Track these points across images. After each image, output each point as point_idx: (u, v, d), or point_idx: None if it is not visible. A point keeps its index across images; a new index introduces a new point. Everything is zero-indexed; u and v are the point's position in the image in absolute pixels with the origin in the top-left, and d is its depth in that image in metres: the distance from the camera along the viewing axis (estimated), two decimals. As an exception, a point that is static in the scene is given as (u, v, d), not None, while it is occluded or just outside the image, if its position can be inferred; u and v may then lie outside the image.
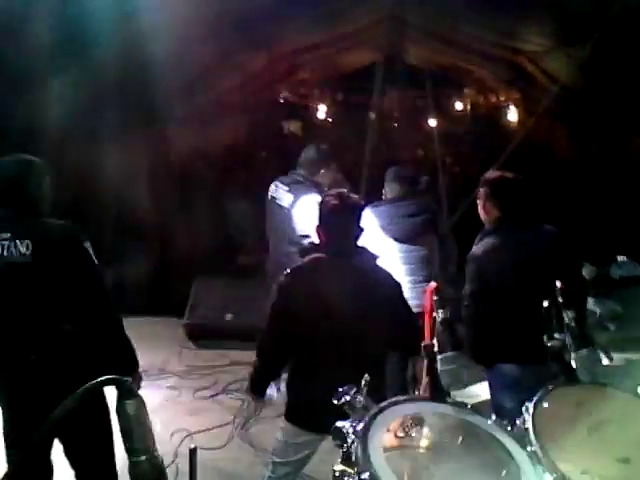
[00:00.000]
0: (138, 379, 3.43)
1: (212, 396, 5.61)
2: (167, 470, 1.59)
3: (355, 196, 3.22)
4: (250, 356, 3.57)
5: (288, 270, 3.16)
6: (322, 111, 10.58)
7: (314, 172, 4.97)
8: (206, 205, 6.92)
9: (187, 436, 4.99)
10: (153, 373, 5.81)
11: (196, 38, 5.70)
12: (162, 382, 5.77)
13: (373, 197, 5.15)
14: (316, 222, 3.19)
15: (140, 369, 3.46)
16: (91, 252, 3.24)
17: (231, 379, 5.69)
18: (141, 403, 1.45)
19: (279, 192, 5.04)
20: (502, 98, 10.72)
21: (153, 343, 5.96)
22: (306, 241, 3.94)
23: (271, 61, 6.98)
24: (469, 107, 11.75)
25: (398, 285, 3.17)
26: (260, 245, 5.69)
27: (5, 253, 3.07)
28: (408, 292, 3.61)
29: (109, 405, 3.21)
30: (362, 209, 3.21)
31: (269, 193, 5.10)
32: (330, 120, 10.82)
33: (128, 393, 1.43)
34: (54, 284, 3.11)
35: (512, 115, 10.38)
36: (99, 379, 1.43)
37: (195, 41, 5.73)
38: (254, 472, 4.27)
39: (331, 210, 3.12)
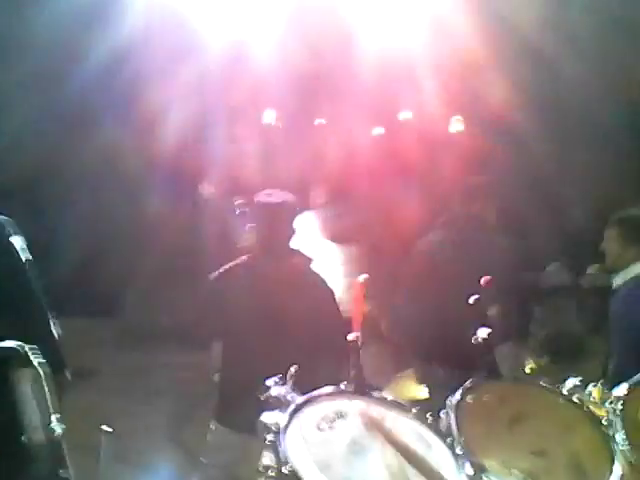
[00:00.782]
0: (65, 380, 3.36)
1: (145, 398, 5.53)
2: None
3: (288, 195, 3.20)
4: (185, 357, 3.58)
5: (220, 269, 3.15)
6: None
7: None
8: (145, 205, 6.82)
9: (118, 438, 4.90)
10: (83, 374, 5.69)
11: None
12: (93, 383, 5.64)
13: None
14: (251, 223, 3.21)
15: (68, 370, 3.39)
16: (19, 247, 3.14)
17: (164, 381, 5.62)
18: (37, 374, 1.39)
19: None
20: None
21: (85, 344, 5.83)
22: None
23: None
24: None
25: (330, 291, 3.18)
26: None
27: None
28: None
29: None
30: (295, 209, 3.20)
31: None
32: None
33: (22, 363, 1.37)
34: None
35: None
36: None
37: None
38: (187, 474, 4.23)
39: (264, 206, 3.11)
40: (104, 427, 2.13)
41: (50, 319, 3.25)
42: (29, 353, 1.35)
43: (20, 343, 1.34)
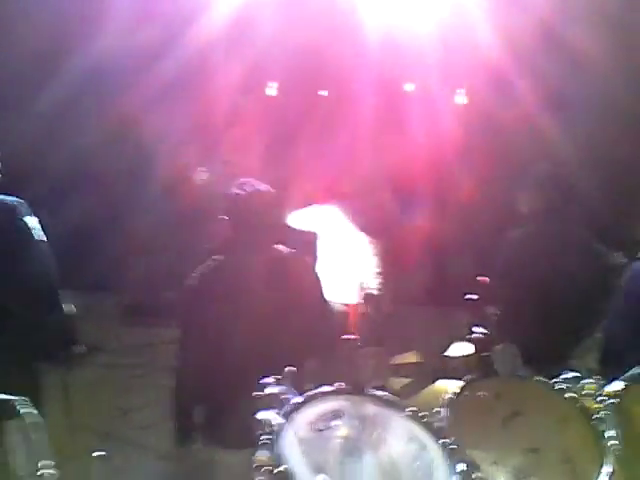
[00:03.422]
0: (75, 354, 3.42)
1: (146, 374, 5.59)
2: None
3: (265, 185, 3.07)
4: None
5: (200, 267, 3.04)
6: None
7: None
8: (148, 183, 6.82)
9: (121, 414, 4.98)
10: (88, 350, 5.75)
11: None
12: (97, 359, 5.70)
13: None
14: (224, 216, 3.05)
15: (78, 345, 3.45)
16: (32, 227, 3.19)
17: (167, 357, 5.67)
18: (23, 425, 1.39)
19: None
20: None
21: (88, 319, 5.88)
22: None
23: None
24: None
25: (315, 282, 3.08)
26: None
27: None
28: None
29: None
30: (270, 200, 3.06)
31: None
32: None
33: (9, 414, 1.37)
34: None
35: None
36: None
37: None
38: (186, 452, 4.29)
39: (240, 201, 2.99)
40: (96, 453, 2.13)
41: (60, 296, 3.32)
42: (16, 405, 1.36)
43: (7, 397, 1.35)
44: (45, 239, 3.25)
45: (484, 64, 6.23)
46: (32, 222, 3.21)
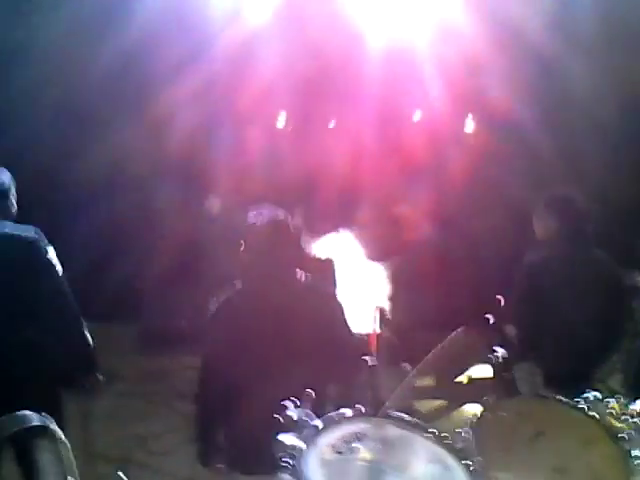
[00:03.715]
0: (97, 382, 3.46)
1: (165, 401, 5.58)
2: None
3: (282, 211, 3.06)
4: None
5: (220, 298, 3.05)
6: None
7: None
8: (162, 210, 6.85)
9: (139, 442, 4.97)
10: (104, 378, 5.76)
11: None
12: (114, 387, 5.71)
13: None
14: (242, 243, 3.04)
15: (100, 373, 3.48)
16: (53, 260, 3.24)
17: (185, 384, 5.66)
18: (56, 446, 1.40)
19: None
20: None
21: (105, 348, 5.90)
22: None
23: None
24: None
25: (337, 309, 3.06)
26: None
27: None
28: None
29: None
30: (288, 226, 3.04)
31: None
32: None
33: (44, 436, 1.38)
34: (16, 292, 3.11)
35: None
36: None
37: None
38: (208, 477, 4.27)
39: (257, 229, 2.98)
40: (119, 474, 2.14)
41: (84, 326, 3.37)
42: (51, 427, 1.37)
43: (44, 418, 1.36)
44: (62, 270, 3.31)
45: (487, 91, 6.29)
46: (52, 254, 3.26)
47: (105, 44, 5.68)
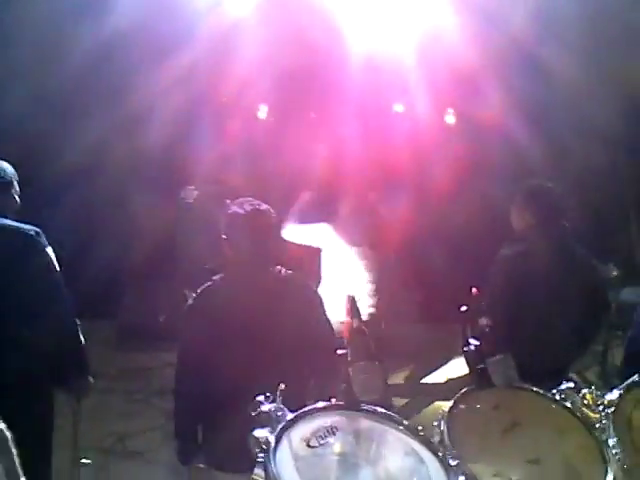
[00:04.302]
0: (87, 384, 3.46)
1: (144, 399, 5.54)
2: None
3: (264, 204, 3.05)
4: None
5: (198, 290, 3.04)
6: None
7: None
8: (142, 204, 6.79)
9: (119, 439, 4.94)
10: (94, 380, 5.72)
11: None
12: (94, 385, 5.66)
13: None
14: (223, 235, 3.04)
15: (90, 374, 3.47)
16: (53, 259, 3.22)
17: (164, 381, 5.62)
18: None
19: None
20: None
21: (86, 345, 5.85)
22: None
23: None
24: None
25: (317, 301, 3.09)
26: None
27: None
28: None
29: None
30: (271, 218, 3.05)
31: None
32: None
33: None
34: (14, 289, 3.06)
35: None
36: None
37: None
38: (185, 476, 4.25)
39: (240, 220, 2.97)
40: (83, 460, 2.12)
41: (79, 328, 3.35)
42: None
43: None
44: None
45: (468, 83, 6.31)
46: (50, 252, 3.24)
47: (86, 33, 5.63)
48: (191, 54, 5.89)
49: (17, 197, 3.35)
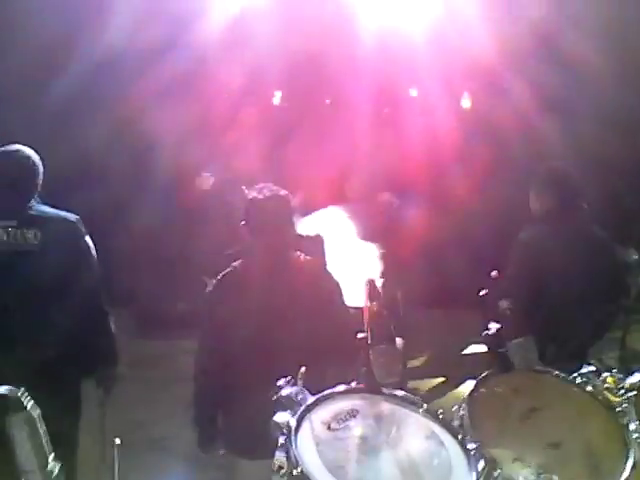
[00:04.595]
0: (115, 374, 3.49)
1: (163, 386, 5.57)
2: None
3: (283, 190, 3.06)
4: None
5: (217, 277, 3.05)
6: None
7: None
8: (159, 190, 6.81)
9: (138, 427, 4.97)
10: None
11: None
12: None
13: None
14: (242, 221, 3.04)
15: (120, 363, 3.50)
16: (92, 246, 3.25)
17: (183, 368, 5.65)
18: (30, 418, 1.38)
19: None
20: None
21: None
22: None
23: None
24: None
25: (335, 287, 3.09)
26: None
27: (12, 240, 3.04)
28: None
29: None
30: (289, 204, 3.06)
31: None
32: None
33: (15, 407, 1.36)
34: (56, 275, 3.12)
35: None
36: None
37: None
38: (209, 460, 4.27)
39: (260, 205, 2.97)
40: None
41: (111, 320, 3.38)
42: (21, 397, 1.35)
43: (12, 388, 1.34)
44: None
45: (483, 68, 6.25)
46: (89, 241, 3.27)
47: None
48: (203, 40, 5.87)
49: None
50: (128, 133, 6.38)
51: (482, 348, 2.47)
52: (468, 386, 2.19)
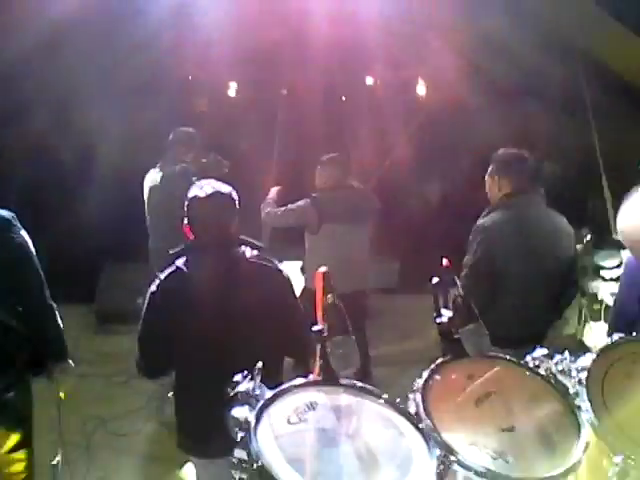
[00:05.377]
0: (67, 369, 3.45)
1: (125, 382, 5.54)
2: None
3: (226, 186, 3.02)
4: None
5: (161, 275, 2.98)
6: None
7: (181, 153, 5.29)
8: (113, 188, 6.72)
9: (100, 423, 4.94)
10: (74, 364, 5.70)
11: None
12: (72, 369, 5.63)
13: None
14: (185, 219, 3.00)
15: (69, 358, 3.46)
16: (28, 242, 3.20)
17: (144, 363, 5.62)
18: None
19: (151, 174, 5.29)
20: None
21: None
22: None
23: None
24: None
25: (284, 281, 3.07)
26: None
27: None
28: None
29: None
30: (233, 199, 3.01)
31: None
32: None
33: None
34: None
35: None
36: None
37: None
38: (172, 455, 4.26)
39: (201, 200, 2.93)
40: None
41: (57, 313, 3.34)
42: None
43: None
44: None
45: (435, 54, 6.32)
46: (26, 236, 3.22)
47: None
48: (155, 30, 5.79)
49: None
50: (73, 125, 6.28)
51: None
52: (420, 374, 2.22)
